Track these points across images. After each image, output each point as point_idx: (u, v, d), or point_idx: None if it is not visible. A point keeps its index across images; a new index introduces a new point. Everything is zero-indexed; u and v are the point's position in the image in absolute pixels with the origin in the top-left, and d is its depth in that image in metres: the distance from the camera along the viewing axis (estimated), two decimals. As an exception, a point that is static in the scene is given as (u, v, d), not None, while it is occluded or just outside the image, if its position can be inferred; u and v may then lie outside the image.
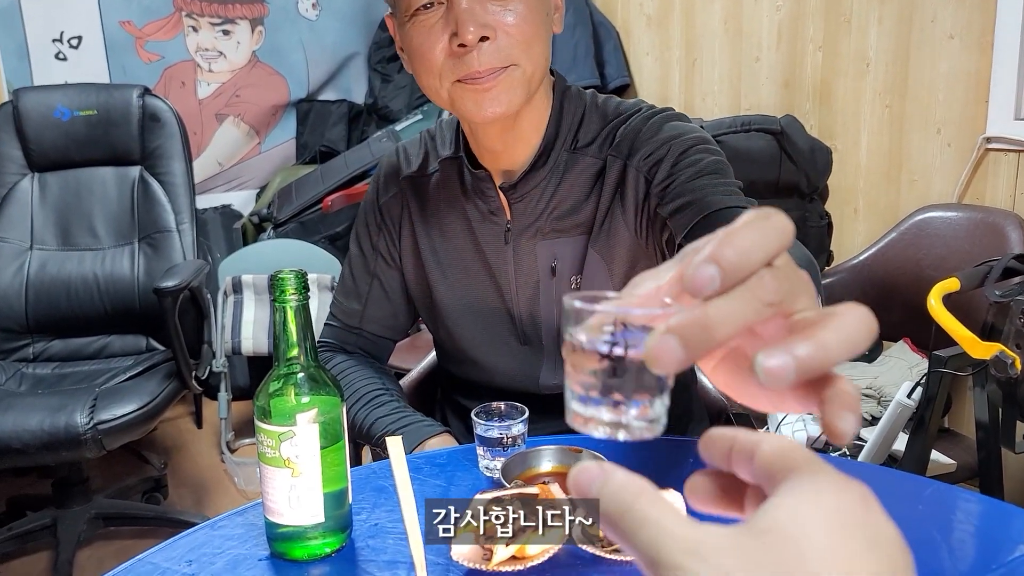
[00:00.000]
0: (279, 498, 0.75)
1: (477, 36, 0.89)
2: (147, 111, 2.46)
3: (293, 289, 0.74)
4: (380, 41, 3.80)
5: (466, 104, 0.94)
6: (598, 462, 0.32)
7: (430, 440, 1.04)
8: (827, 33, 2.23)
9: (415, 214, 1.13)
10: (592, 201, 1.01)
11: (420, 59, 0.94)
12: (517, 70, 0.92)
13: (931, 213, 1.92)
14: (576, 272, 1.04)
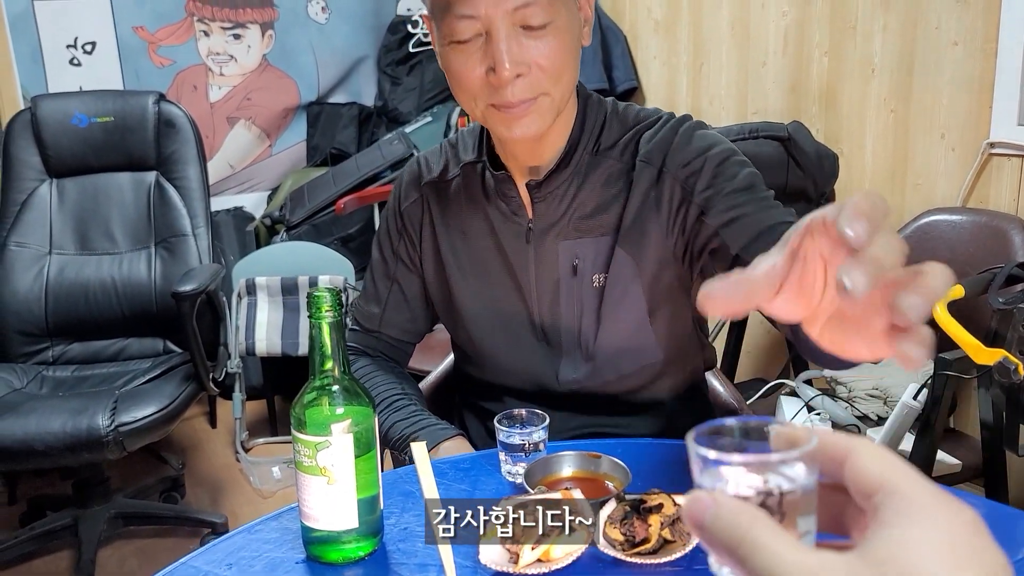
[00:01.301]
0: (315, 504, 0.79)
1: (513, 74, 0.94)
2: (162, 117, 2.50)
3: (328, 306, 0.78)
4: (389, 44, 3.83)
5: (498, 126, 1.01)
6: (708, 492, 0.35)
7: (444, 443, 1.08)
8: (833, 39, 2.26)
9: (436, 217, 1.17)
10: (619, 203, 1.06)
11: (457, 81, 1.00)
12: (547, 99, 0.98)
13: (936, 216, 1.95)
14: (599, 271, 1.07)
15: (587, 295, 1.08)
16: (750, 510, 0.34)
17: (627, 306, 1.07)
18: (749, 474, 0.36)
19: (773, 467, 0.35)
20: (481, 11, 0.93)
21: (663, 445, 1.04)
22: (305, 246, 3.00)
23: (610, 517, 0.80)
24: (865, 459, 0.35)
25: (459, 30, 0.95)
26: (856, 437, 0.36)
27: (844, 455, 0.36)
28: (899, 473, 0.34)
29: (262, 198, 3.78)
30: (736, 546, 0.33)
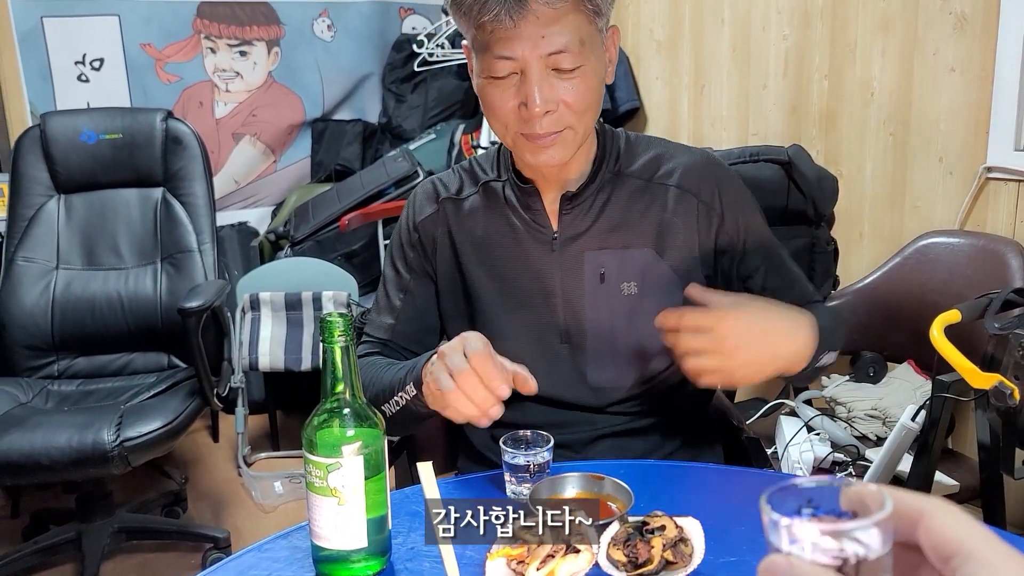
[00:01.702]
0: (325, 524, 0.81)
1: (543, 111, 1.03)
2: (170, 134, 2.53)
3: (340, 331, 0.80)
4: (394, 62, 3.87)
5: (525, 154, 1.10)
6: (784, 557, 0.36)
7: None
8: (833, 62, 2.29)
9: (455, 228, 1.20)
10: (647, 219, 1.14)
11: (492, 111, 1.08)
12: (571, 132, 1.07)
13: (934, 239, 1.98)
14: (628, 280, 1.14)
15: (617, 302, 1.14)
16: (825, 573, 0.34)
17: (659, 311, 1.10)
18: (824, 538, 0.36)
19: (848, 533, 0.36)
20: (518, 54, 1.02)
21: (665, 467, 1.06)
22: (309, 262, 3.02)
23: (613, 538, 0.82)
24: (941, 521, 0.35)
25: (497, 68, 1.04)
26: (928, 498, 0.36)
27: (918, 516, 0.36)
28: (977, 536, 0.34)
29: (266, 213, 3.81)
30: None
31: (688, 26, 2.79)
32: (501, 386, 0.91)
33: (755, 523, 0.89)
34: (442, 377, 0.92)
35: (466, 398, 0.91)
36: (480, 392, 0.91)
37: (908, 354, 1.97)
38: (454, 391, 0.91)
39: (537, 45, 1.01)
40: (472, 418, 0.93)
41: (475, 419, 0.93)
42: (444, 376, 0.92)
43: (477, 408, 0.91)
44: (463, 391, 0.91)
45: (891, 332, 2.01)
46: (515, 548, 0.81)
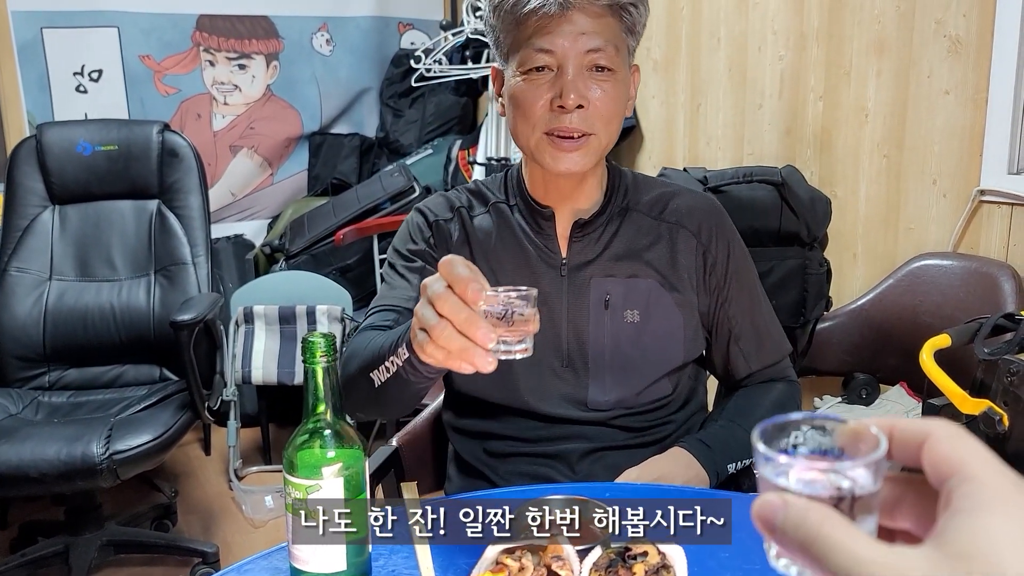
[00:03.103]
0: (304, 547, 0.80)
1: (576, 104, 1.08)
2: (166, 146, 2.53)
3: (322, 352, 0.79)
4: (392, 77, 3.89)
5: (546, 156, 1.12)
6: (777, 494, 0.36)
7: None
8: (828, 84, 2.30)
9: (472, 237, 1.22)
10: (653, 252, 1.19)
11: (522, 108, 1.12)
12: (594, 139, 1.11)
13: (927, 261, 1.98)
14: (632, 307, 1.17)
15: (620, 328, 1.17)
16: (820, 508, 0.34)
17: (661, 340, 1.18)
18: (819, 475, 0.36)
19: (841, 470, 0.36)
20: (558, 47, 1.08)
21: (649, 490, 1.05)
22: (304, 276, 3.02)
23: (595, 564, 0.82)
24: (943, 442, 0.35)
25: (535, 59, 1.09)
26: (933, 420, 0.36)
27: (923, 439, 0.36)
28: (976, 458, 0.34)
29: (262, 226, 3.82)
30: (810, 545, 0.33)
31: (685, 46, 2.80)
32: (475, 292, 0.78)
33: (739, 549, 0.88)
34: (424, 311, 0.81)
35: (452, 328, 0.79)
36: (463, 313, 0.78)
37: (900, 376, 1.97)
38: (437, 322, 0.79)
39: (577, 40, 1.07)
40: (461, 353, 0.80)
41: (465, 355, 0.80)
42: (426, 309, 0.81)
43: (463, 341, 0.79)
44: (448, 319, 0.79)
45: (883, 354, 2.01)
46: (496, 573, 0.80)
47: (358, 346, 1.09)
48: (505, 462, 1.21)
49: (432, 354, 0.82)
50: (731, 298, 1.22)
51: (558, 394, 1.18)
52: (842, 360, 2.06)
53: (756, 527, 0.36)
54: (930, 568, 0.31)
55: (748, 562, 0.86)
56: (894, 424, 0.37)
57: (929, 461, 0.35)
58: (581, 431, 1.19)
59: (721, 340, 1.24)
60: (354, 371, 1.06)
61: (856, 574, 0.31)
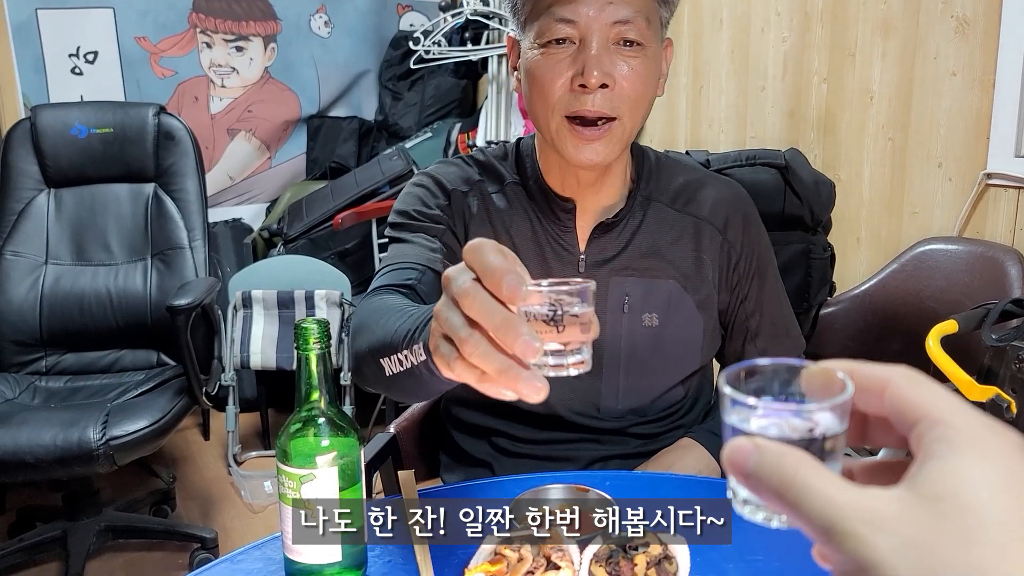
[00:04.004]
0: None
1: (599, 82, 0.96)
2: (162, 129, 2.50)
3: (316, 338, 0.77)
4: (391, 59, 3.85)
5: (567, 146, 1.01)
6: (749, 439, 0.35)
7: None
8: (832, 66, 2.27)
9: (493, 217, 1.11)
10: (676, 250, 1.11)
11: (539, 87, 1.00)
12: (619, 126, 1.00)
13: (932, 245, 1.95)
14: (651, 311, 1.10)
15: (637, 333, 1.10)
16: (794, 452, 0.34)
17: (679, 347, 1.12)
18: (786, 419, 0.36)
19: (809, 413, 0.36)
20: (581, 18, 0.96)
21: (651, 478, 1.03)
22: (302, 260, 3.00)
23: (596, 555, 0.80)
24: (906, 388, 0.35)
25: (555, 30, 0.97)
26: (894, 366, 0.36)
27: (883, 385, 0.35)
28: (942, 401, 0.33)
29: (261, 210, 3.79)
30: (785, 489, 0.33)
31: (687, 27, 2.76)
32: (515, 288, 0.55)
33: (742, 540, 0.87)
34: (448, 314, 0.58)
35: (486, 340, 0.56)
36: (498, 315, 0.55)
37: (904, 362, 1.93)
38: (466, 332, 0.56)
39: (603, 10, 0.96)
40: (501, 376, 0.55)
41: (507, 378, 0.55)
42: (451, 311, 0.58)
43: (503, 359, 0.55)
44: (479, 324, 0.56)
45: (887, 340, 1.99)
46: (493, 564, 0.79)
47: (369, 315, 0.91)
48: (511, 460, 1.17)
49: (461, 374, 0.58)
50: (751, 295, 1.15)
51: (569, 398, 1.13)
52: (845, 346, 2.04)
53: (727, 472, 0.35)
54: (904, 510, 0.31)
55: (751, 553, 0.85)
56: (854, 369, 0.36)
57: (893, 407, 0.35)
58: (592, 437, 1.15)
59: (737, 338, 1.18)
60: (363, 349, 0.90)
61: (831, 517, 0.31)
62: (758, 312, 1.16)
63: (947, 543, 0.30)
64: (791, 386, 0.39)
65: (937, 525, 0.30)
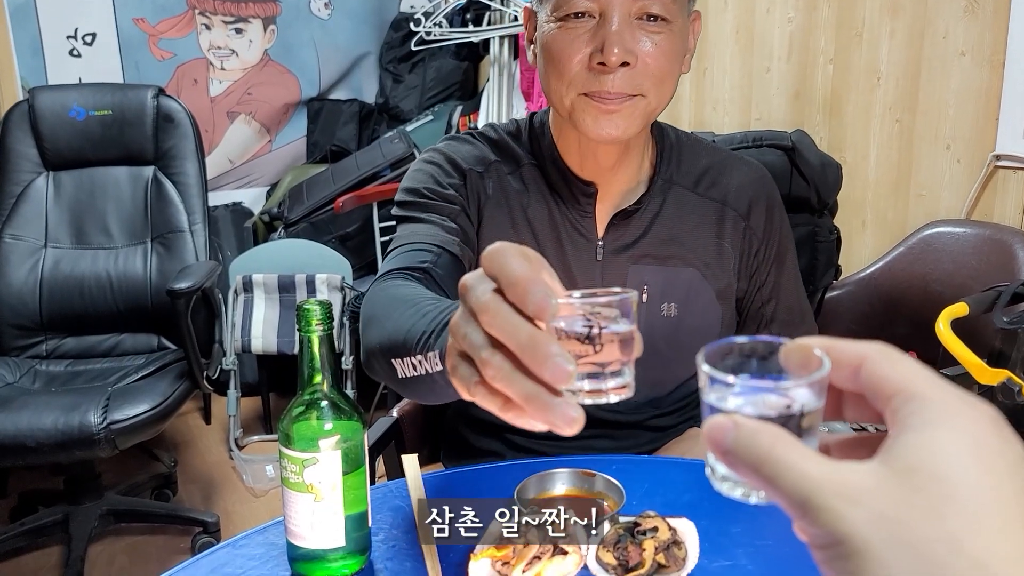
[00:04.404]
0: (301, 522, 0.77)
1: (619, 60, 0.91)
2: (161, 112, 2.48)
3: (318, 319, 0.76)
4: (392, 41, 3.81)
5: (585, 119, 0.95)
6: (727, 416, 0.35)
7: None
8: (838, 46, 2.24)
9: (511, 203, 1.06)
10: (697, 238, 1.07)
11: (555, 63, 0.95)
12: (643, 101, 0.95)
13: (939, 228, 1.93)
14: (670, 300, 1.06)
15: (655, 323, 1.06)
16: (770, 429, 0.34)
17: (698, 338, 1.08)
18: (764, 396, 0.36)
19: (787, 390, 0.36)
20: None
21: (659, 463, 1.02)
22: (303, 244, 2.98)
23: (603, 540, 0.79)
24: (881, 364, 0.35)
25: (574, 3, 0.92)
26: (869, 343, 0.36)
27: (858, 361, 0.36)
28: (917, 376, 0.34)
29: (261, 194, 3.77)
30: (761, 465, 0.33)
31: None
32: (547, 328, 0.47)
33: (751, 524, 0.85)
34: (467, 328, 0.49)
35: (509, 362, 0.46)
36: (523, 332, 0.46)
37: (910, 346, 1.93)
38: (488, 352, 0.47)
39: None
40: (529, 403, 0.46)
41: (535, 407, 0.46)
42: (469, 325, 0.49)
43: (530, 385, 0.46)
44: (501, 342, 0.47)
45: (893, 324, 1.97)
46: (500, 549, 0.77)
47: (380, 305, 0.86)
48: (523, 455, 1.14)
49: (482, 400, 0.50)
50: (768, 281, 1.12)
51: None
52: (850, 329, 2.02)
53: (707, 448, 0.36)
54: (878, 482, 0.31)
55: (760, 538, 0.83)
56: (831, 346, 0.37)
57: (868, 383, 0.35)
58: (606, 432, 1.13)
59: (751, 325, 1.15)
60: (373, 345, 0.85)
61: (807, 491, 0.32)
62: (774, 298, 1.13)
63: (920, 515, 0.30)
64: (769, 364, 0.39)
65: (910, 497, 0.30)
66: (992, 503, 0.30)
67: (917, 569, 0.29)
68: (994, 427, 0.32)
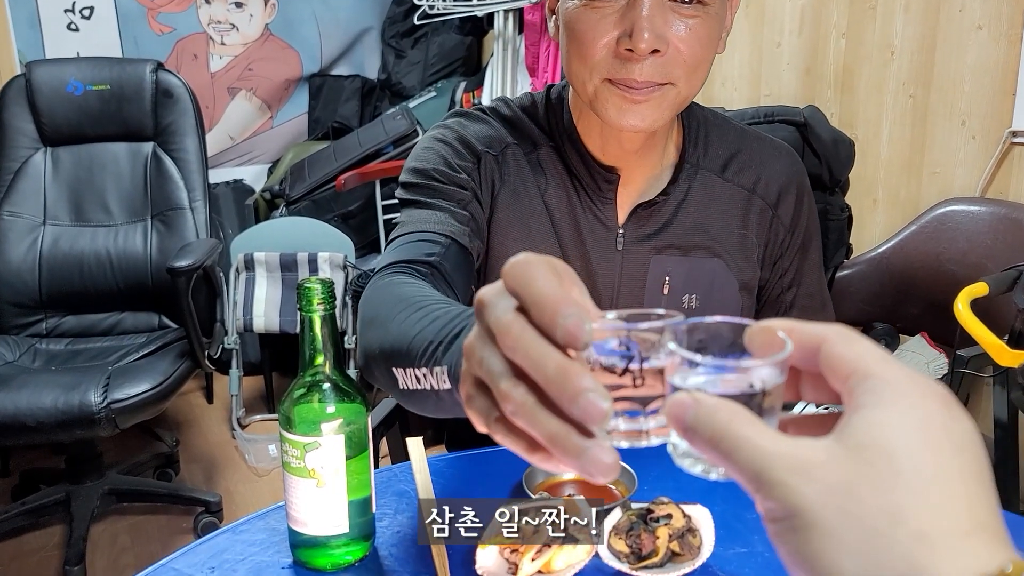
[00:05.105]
0: (303, 507, 0.75)
1: (649, 47, 0.83)
2: (160, 86, 2.44)
3: (320, 299, 0.73)
4: (394, 16, 3.75)
5: (609, 108, 0.88)
6: (689, 393, 0.36)
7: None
8: (851, 20, 2.19)
9: (527, 190, 1.00)
10: (722, 227, 1.02)
11: (579, 46, 0.87)
12: (673, 90, 0.88)
13: (953, 206, 1.90)
14: (692, 291, 1.02)
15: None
16: (729, 405, 0.35)
17: None
18: (726, 375, 0.37)
19: (749, 370, 0.37)
20: None
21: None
22: (305, 222, 2.95)
23: (615, 527, 0.76)
24: (839, 345, 0.36)
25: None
26: (829, 325, 0.37)
27: (818, 342, 0.37)
28: (872, 356, 0.35)
29: (262, 171, 3.73)
30: (719, 441, 0.34)
31: (700, -20, 2.68)
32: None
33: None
34: (484, 353, 0.42)
35: (533, 396, 0.39)
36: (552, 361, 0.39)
37: (922, 326, 1.90)
38: (508, 382, 0.40)
39: None
40: (557, 445, 0.38)
41: (564, 448, 0.38)
42: (487, 349, 0.42)
43: (557, 424, 0.38)
44: (523, 370, 0.40)
45: (904, 303, 1.94)
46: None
47: (381, 304, 0.80)
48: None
49: (503, 439, 0.42)
50: (791, 268, 1.07)
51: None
52: (861, 309, 1.99)
53: (668, 425, 0.37)
54: (829, 458, 0.32)
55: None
56: (793, 328, 0.38)
57: (827, 363, 0.36)
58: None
59: (768, 313, 1.08)
60: (373, 349, 0.78)
61: (761, 466, 0.33)
62: (795, 285, 1.08)
63: (868, 488, 0.31)
64: (734, 344, 0.39)
65: (859, 472, 0.31)
66: (936, 478, 0.31)
67: (862, 540, 0.30)
68: (944, 406, 0.33)
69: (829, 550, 0.31)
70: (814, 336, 0.37)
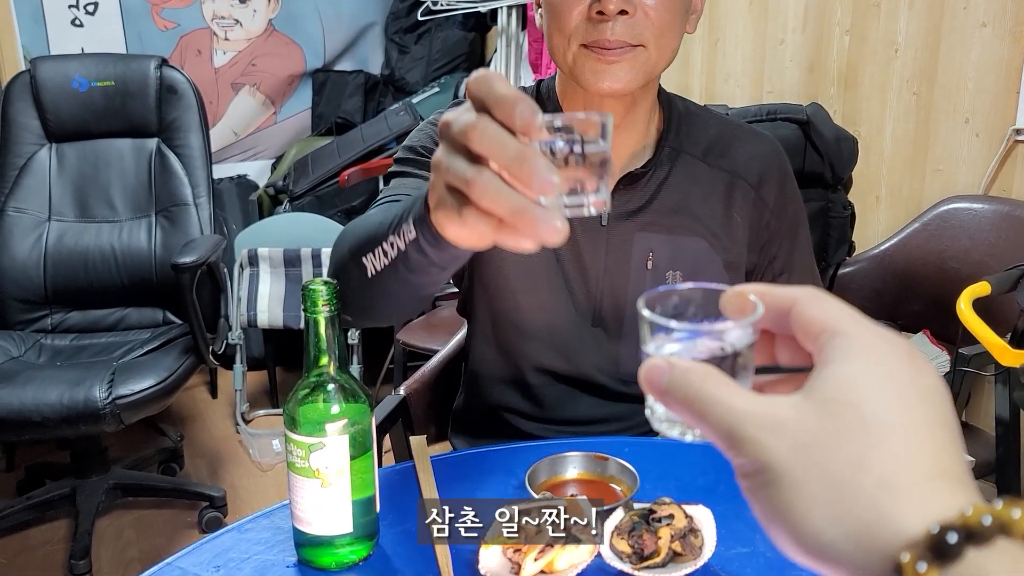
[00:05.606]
0: (307, 507, 0.75)
1: (618, 8, 0.91)
2: (164, 82, 2.44)
3: (324, 300, 0.73)
4: (397, 11, 3.75)
5: (585, 72, 0.95)
6: (663, 358, 0.37)
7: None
8: (855, 17, 2.19)
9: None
10: (706, 206, 1.06)
11: (556, 17, 0.95)
12: (644, 52, 0.94)
13: (956, 204, 1.90)
14: (675, 268, 1.06)
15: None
16: (702, 367, 0.36)
17: None
18: (699, 338, 0.39)
19: (721, 332, 0.38)
20: None
21: (673, 445, 1.00)
22: (308, 217, 2.95)
23: (617, 527, 0.77)
24: (809, 305, 0.37)
25: None
26: (799, 287, 0.38)
27: (789, 304, 0.38)
28: (841, 314, 0.36)
29: (266, 166, 3.73)
30: (692, 402, 0.35)
31: (704, -24, 2.67)
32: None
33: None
34: (452, 161, 0.52)
35: (499, 178, 0.49)
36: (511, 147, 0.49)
37: (924, 324, 1.90)
38: (476, 172, 0.50)
39: None
40: (517, 217, 0.49)
41: (523, 219, 0.49)
42: (454, 158, 0.52)
43: (518, 198, 0.49)
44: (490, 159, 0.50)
45: (906, 301, 1.94)
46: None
47: (353, 225, 0.86)
48: (528, 439, 1.12)
49: (473, 223, 0.52)
50: (781, 255, 1.11)
51: (586, 357, 1.08)
52: (863, 307, 1.97)
53: (645, 390, 0.38)
54: (798, 414, 0.33)
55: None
56: (765, 291, 0.39)
57: (798, 323, 0.37)
58: (616, 410, 1.10)
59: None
60: (344, 254, 0.83)
61: (731, 423, 0.34)
62: (787, 272, 1.12)
63: (834, 439, 0.32)
64: (707, 309, 0.41)
65: (826, 424, 0.32)
66: (900, 428, 0.32)
67: (828, 491, 0.31)
68: (909, 359, 0.34)
69: (798, 502, 0.31)
70: (785, 298, 0.38)
